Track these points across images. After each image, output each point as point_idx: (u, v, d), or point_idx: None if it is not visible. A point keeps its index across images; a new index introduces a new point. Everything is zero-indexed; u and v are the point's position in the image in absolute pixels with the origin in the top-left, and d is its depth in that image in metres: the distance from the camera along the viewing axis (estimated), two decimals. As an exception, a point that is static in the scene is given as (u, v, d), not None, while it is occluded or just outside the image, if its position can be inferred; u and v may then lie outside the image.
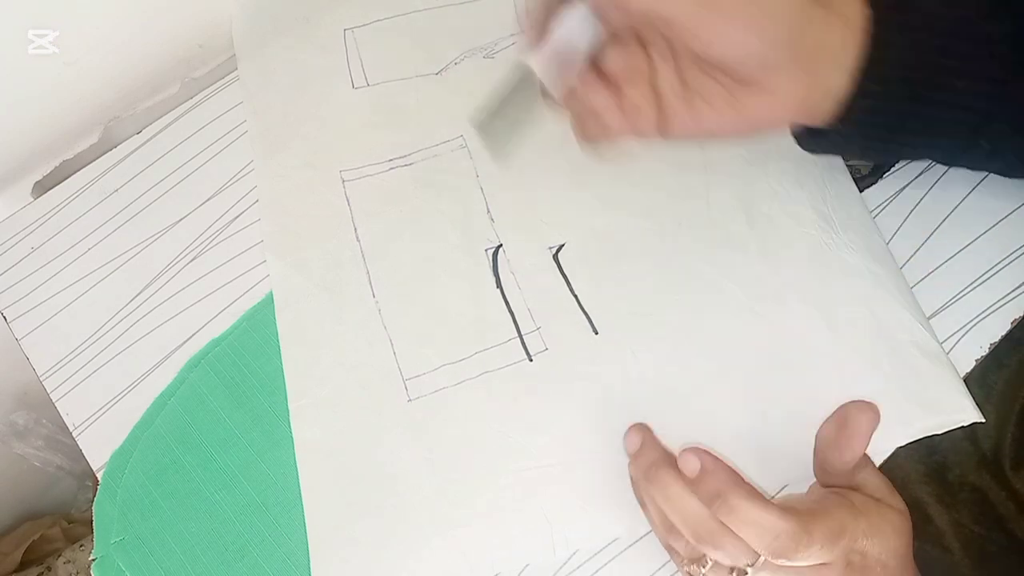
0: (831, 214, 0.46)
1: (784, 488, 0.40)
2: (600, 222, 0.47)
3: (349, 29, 0.54)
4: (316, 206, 0.49)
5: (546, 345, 0.44)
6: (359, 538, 0.41)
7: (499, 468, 0.42)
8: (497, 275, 0.46)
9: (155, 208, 0.50)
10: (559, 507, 0.41)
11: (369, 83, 0.53)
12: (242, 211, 0.50)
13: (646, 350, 0.43)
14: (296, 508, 0.42)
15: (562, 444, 0.42)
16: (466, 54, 0.53)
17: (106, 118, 0.55)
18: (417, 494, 0.41)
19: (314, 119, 0.51)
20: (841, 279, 0.44)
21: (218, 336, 0.46)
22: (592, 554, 0.40)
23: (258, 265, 0.48)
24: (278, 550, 0.41)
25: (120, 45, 0.52)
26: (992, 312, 0.44)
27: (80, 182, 0.52)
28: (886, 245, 0.45)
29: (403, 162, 0.50)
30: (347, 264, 0.47)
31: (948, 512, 0.48)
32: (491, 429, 0.42)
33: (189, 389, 0.45)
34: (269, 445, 0.43)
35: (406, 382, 0.44)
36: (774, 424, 0.41)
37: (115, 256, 0.49)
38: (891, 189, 0.47)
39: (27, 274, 0.49)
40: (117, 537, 0.42)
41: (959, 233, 0.45)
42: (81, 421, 0.45)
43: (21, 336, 0.48)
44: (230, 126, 0.52)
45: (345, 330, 0.45)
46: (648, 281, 0.45)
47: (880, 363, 0.42)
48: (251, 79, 0.53)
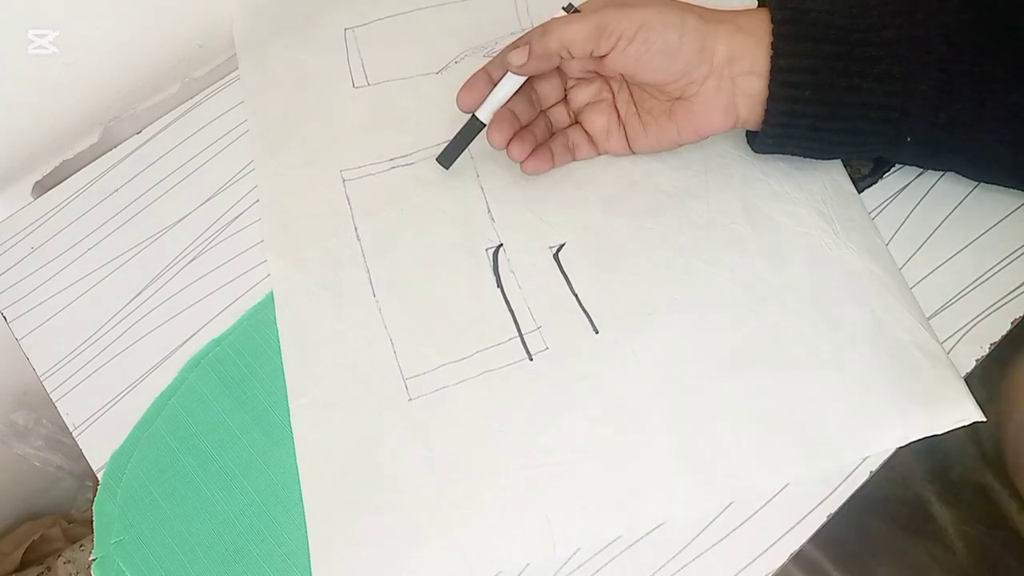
0: (831, 214, 0.46)
1: (785, 487, 0.40)
2: (600, 221, 0.47)
3: (350, 28, 0.54)
4: (316, 205, 0.49)
5: (546, 344, 0.44)
6: (359, 537, 0.41)
7: (499, 467, 0.42)
8: (497, 274, 0.46)
9: (155, 208, 0.50)
10: (559, 506, 0.41)
11: (370, 82, 0.53)
12: (242, 211, 0.50)
13: (646, 349, 0.43)
14: (296, 508, 0.42)
15: (562, 443, 0.42)
16: (467, 53, 0.53)
17: (106, 118, 0.55)
18: (417, 493, 0.41)
19: (315, 118, 0.52)
20: (841, 279, 0.44)
21: (218, 336, 0.46)
22: (592, 554, 0.40)
23: (258, 265, 0.48)
24: (278, 550, 0.41)
25: (120, 45, 0.52)
26: (992, 312, 0.44)
27: (80, 182, 0.52)
28: (886, 245, 0.45)
29: (404, 161, 0.50)
30: (347, 263, 0.47)
31: (951, 511, 0.48)
32: (491, 428, 0.42)
33: (189, 389, 0.45)
34: (269, 445, 0.43)
35: (406, 381, 0.44)
36: (774, 423, 0.41)
37: (115, 256, 0.49)
38: (891, 189, 0.47)
39: (27, 274, 0.49)
40: (117, 537, 0.42)
41: (959, 233, 0.45)
42: (81, 421, 0.45)
43: (21, 336, 0.48)
44: (230, 126, 0.52)
45: (345, 329, 0.45)
46: (648, 281, 0.45)
47: (881, 363, 0.42)
48: (251, 78, 0.53)
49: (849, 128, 0.41)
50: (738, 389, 0.42)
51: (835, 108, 0.40)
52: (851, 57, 0.39)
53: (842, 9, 0.40)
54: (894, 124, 0.40)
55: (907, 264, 0.45)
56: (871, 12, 0.39)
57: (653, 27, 0.40)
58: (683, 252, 0.45)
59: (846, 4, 0.40)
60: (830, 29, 0.39)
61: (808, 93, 0.40)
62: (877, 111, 0.40)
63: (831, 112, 0.40)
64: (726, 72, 0.41)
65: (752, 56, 0.40)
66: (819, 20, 0.39)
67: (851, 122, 0.40)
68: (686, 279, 0.45)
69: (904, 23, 0.39)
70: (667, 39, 0.40)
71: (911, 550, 0.51)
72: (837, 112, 0.40)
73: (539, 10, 0.54)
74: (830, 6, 0.40)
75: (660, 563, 0.39)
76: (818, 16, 0.39)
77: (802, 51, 0.39)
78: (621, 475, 0.41)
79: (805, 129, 0.41)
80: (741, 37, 0.40)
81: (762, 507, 0.40)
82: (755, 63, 0.40)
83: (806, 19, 0.39)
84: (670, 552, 0.40)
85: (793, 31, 0.39)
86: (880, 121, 0.40)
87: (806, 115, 0.40)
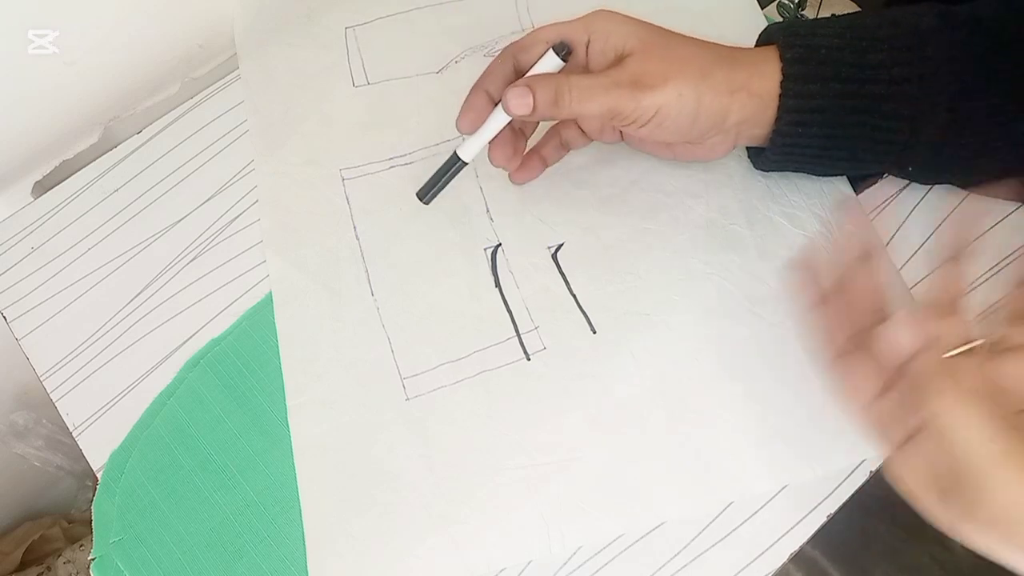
0: (829, 216, 0.46)
1: (784, 489, 0.40)
2: (599, 222, 0.47)
3: (350, 27, 0.54)
4: (316, 204, 0.49)
5: (544, 344, 0.44)
6: (356, 535, 0.41)
7: (496, 466, 0.42)
8: (496, 274, 0.46)
9: (155, 208, 0.50)
10: (556, 505, 0.41)
11: (370, 81, 0.53)
12: (242, 211, 0.50)
13: (644, 350, 0.43)
14: (294, 508, 0.42)
15: (559, 443, 0.42)
16: (467, 52, 0.53)
17: (106, 118, 0.55)
18: (414, 492, 0.41)
19: (315, 117, 0.52)
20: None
21: (217, 336, 0.46)
22: (592, 553, 0.40)
23: (258, 265, 0.48)
24: (276, 550, 0.41)
25: (120, 45, 0.52)
26: (992, 312, 0.44)
27: (80, 182, 0.52)
28: (885, 246, 0.45)
29: (403, 161, 0.50)
30: (346, 262, 0.47)
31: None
32: (489, 428, 0.42)
33: (188, 389, 0.45)
34: (268, 445, 0.43)
35: (404, 380, 0.44)
36: (772, 425, 0.41)
37: (115, 256, 0.49)
38: (891, 189, 0.47)
39: (27, 274, 0.49)
40: (116, 537, 0.42)
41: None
42: (81, 421, 0.45)
43: (21, 336, 0.48)
44: (230, 126, 0.52)
45: (343, 328, 0.45)
46: (647, 281, 0.45)
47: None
48: (252, 77, 0.53)
49: (851, 156, 0.41)
50: (736, 390, 0.42)
51: (840, 140, 0.40)
52: (860, 95, 0.38)
53: (852, 42, 0.38)
54: (897, 155, 0.40)
55: (907, 264, 0.45)
56: (881, 46, 0.38)
57: (668, 113, 0.38)
58: (681, 252, 0.45)
59: (855, 36, 0.39)
60: (840, 66, 0.38)
61: (815, 129, 0.39)
62: (882, 144, 0.40)
63: (835, 143, 0.40)
64: (734, 130, 0.40)
65: (762, 117, 0.40)
66: (829, 57, 0.38)
67: (854, 152, 0.41)
68: (684, 279, 0.45)
69: (913, 59, 0.38)
70: (681, 122, 0.39)
71: (911, 550, 0.51)
72: (841, 144, 0.40)
73: (539, 10, 0.54)
74: (839, 40, 0.39)
75: (660, 563, 0.39)
76: (828, 53, 0.38)
77: (811, 92, 0.38)
78: (619, 475, 0.41)
79: (808, 158, 0.42)
80: (754, 103, 0.39)
81: (762, 507, 0.40)
82: (764, 120, 0.40)
83: (816, 56, 0.38)
84: (670, 552, 0.40)
85: (803, 71, 0.38)
86: (883, 153, 0.40)
87: (811, 146, 0.40)
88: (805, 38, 0.39)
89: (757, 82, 0.39)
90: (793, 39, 0.39)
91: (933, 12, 0.39)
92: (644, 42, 0.39)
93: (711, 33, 0.40)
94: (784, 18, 0.52)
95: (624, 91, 0.38)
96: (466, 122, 0.42)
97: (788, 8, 0.52)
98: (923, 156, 0.40)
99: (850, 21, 0.40)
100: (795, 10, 0.51)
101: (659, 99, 0.38)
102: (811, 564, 0.66)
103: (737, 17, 0.51)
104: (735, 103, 0.39)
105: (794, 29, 0.40)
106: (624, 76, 0.38)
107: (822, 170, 0.44)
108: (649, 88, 0.38)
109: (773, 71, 0.39)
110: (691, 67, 0.38)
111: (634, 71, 0.38)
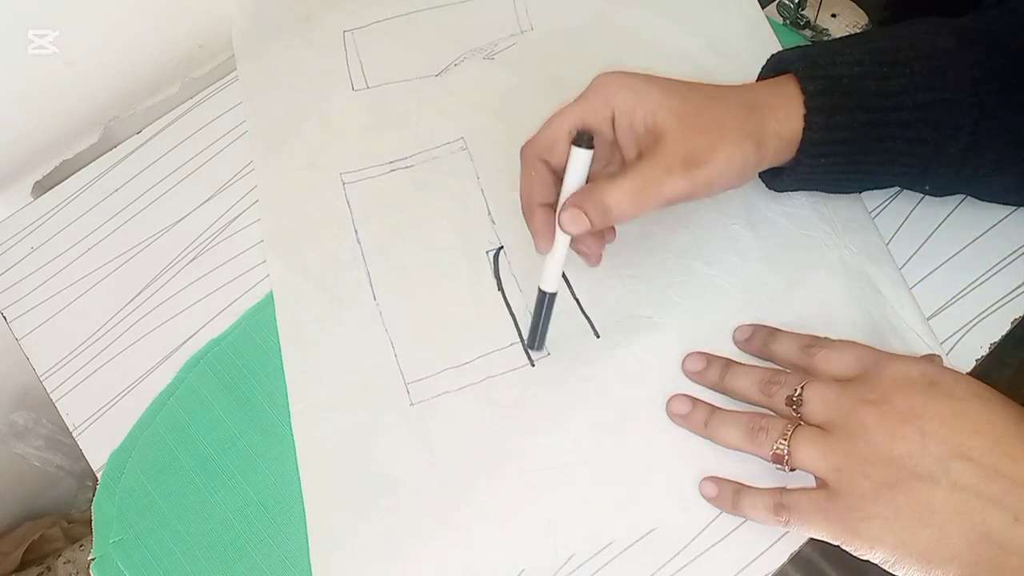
0: (831, 215, 0.46)
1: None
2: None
3: (349, 30, 0.54)
4: (316, 207, 0.49)
5: (548, 349, 0.44)
6: (360, 540, 0.41)
7: (500, 471, 0.41)
8: (498, 277, 0.46)
9: (155, 208, 0.50)
10: (560, 510, 0.40)
11: (369, 85, 0.53)
12: (242, 211, 0.50)
13: (648, 353, 0.43)
14: (295, 508, 0.42)
15: (564, 447, 0.42)
16: (466, 55, 0.53)
17: (106, 118, 0.55)
18: (418, 496, 0.41)
19: (314, 120, 0.51)
20: (841, 280, 0.44)
21: (217, 336, 0.46)
22: (593, 554, 0.40)
23: (258, 265, 0.48)
24: (276, 550, 0.41)
25: (120, 45, 0.52)
26: (992, 312, 0.44)
27: (80, 182, 0.52)
28: (886, 245, 0.45)
29: (403, 164, 0.50)
30: (347, 266, 0.47)
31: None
32: (493, 433, 0.42)
33: (188, 389, 0.45)
34: (267, 445, 0.43)
35: (408, 385, 0.44)
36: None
37: (115, 256, 0.49)
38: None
39: (27, 274, 0.49)
40: (116, 537, 0.42)
41: (959, 233, 0.45)
42: (81, 421, 0.45)
43: (21, 336, 0.48)
44: (230, 126, 0.52)
45: (345, 332, 0.45)
46: (649, 284, 0.45)
47: (880, 364, 0.42)
48: (251, 79, 0.53)
49: (869, 179, 0.41)
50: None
51: (860, 165, 0.40)
52: (884, 123, 0.38)
53: (872, 69, 0.38)
54: (915, 177, 0.41)
55: (907, 264, 0.45)
56: (903, 70, 0.37)
57: (720, 180, 0.38)
58: (684, 253, 0.45)
59: (875, 61, 0.38)
60: (865, 96, 0.38)
61: (837, 158, 0.39)
62: (903, 168, 0.40)
63: (856, 168, 0.40)
64: (754, 167, 0.40)
65: (788, 153, 0.39)
66: (851, 87, 0.38)
67: (873, 176, 0.41)
68: (687, 281, 0.45)
69: (935, 83, 0.37)
70: (728, 183, 0.39)
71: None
72: (861, 168, 0.40)
73: (538, 12, 0.54)
74: (859, 68, 0.38)
75: (660, 563, 0.39)
76: (850, 83, 0.38)
77: (836, 124, 0.38)
78: (623, 479, 0.41)
79: (827, 182, 0.42)
80: (784, 145, 0.39)
81: (761, 508, 0.40)
82: (789, 154, 0.39)
83: (839, 87, 0.38)
84: (670, 552, 0.40)
85: (827, 104, 0.38)
86: (902, 175, 0.41)
87: (831, 172, 0.40)
88: (826, 68, 0.38)
89: (785, 125, 0.38)
90: (813, 70, 0.38)
91: (946, 31, 0.38)
92: (675, 113, 0.37)
93: (727, 52, 0.39)
94: (784, 18, 0.52)
95: (677, 178, 0.37)
96: (543, 244, 0.41)
97: (788, 8, 0.52)
98: (942, 177, 0.40)
99: (866, 45, 0.39)
100: (795, 10, 0.51)
101: (711, 172, 0.37)
102: (810, 565, 0.66)
103: (750, 38, 0.51)
104: (770, 151, 0.39)
105: (812, 59, 0.39)
106: (673, 161, 0.37)
107: (838, 190, 0.44)
108: (701, 164, 0.37)
109: (796, 108, 0.38)
110: (730, 129, 0.37)
111: (678, 152, 0.37)
